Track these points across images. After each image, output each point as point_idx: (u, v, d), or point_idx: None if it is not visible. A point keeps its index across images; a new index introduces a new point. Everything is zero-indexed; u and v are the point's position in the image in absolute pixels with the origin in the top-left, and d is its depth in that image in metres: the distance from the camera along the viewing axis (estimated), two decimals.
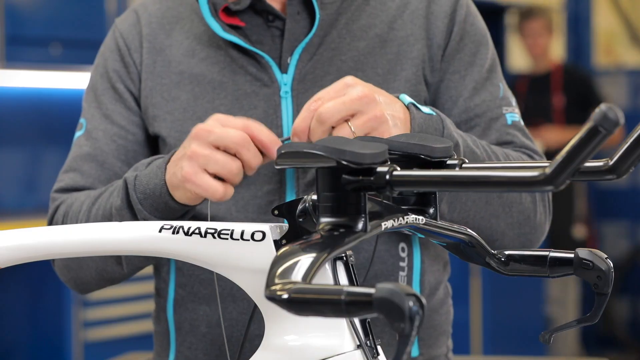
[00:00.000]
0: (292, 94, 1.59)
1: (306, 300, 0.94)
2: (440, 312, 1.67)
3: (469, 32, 1.66)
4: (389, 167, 1.07)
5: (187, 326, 1.63)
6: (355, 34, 1.62)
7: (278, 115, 1.59)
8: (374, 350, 1.19)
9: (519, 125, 1.66)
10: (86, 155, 1.66)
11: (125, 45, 1.68)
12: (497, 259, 1.26)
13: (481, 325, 4.71)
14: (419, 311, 0.89)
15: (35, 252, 1.34)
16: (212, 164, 1.37)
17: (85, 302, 3.84)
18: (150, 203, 1.47)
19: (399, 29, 1.63)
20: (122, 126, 1.66)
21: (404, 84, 1.61)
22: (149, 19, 1.69)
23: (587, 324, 1.26)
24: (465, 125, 1.63)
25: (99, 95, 1.69)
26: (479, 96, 1.64)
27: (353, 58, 1.61)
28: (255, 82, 1.60)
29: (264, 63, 1.60)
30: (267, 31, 1.62)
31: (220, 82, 1.61)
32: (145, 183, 1.47)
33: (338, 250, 1.05)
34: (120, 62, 1.68)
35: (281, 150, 1.10)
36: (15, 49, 3.86)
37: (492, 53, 1.69)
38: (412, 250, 1.61)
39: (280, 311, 0.96)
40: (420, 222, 1.17)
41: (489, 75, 1.66)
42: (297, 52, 1.59)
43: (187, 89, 1.63)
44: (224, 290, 1.59)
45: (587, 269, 1.23)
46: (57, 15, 4.03)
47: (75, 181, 1.66)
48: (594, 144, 0.92)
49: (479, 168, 1.21)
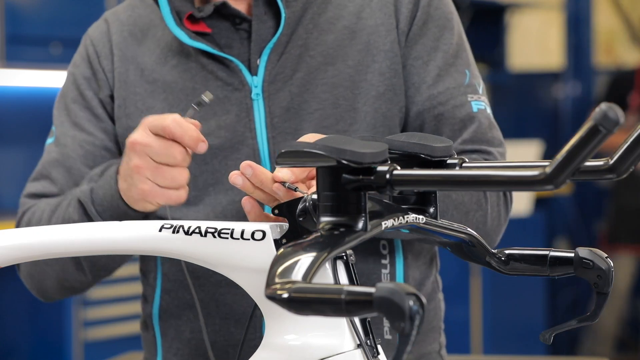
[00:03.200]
0: (263, 96, 1.58)
1: (306, 300, 0.94)
2: (427, 307, 1.65)
3: (433, 16, 1.62)
4: (390, 166, 1.07)
5: (172, 332, 1.63)
6: (323, 28, 1.60)
7: (250, 118, 1.58)
8: (374, 350, 1.19)
9: (484, 113, 1.61)
10: (54, 162, 1.67)
11: (95, 52, 1.68)
12: (497, 259, 1.26)
13: (481, 325, 4.71)
14: (419, 310, 0.89)
15: (35, 251, 1.34)
16: (159, 178, 1.39)
17: (85, 302, 3.84)
18: (110, 214, 1.51)
19: (367, 17, 1.60)
20: (90, 132, 1.66)
21: (377, 77, 1.59)
22: (120, 27, 1.68)
23: (587, 324, 1.26)
24: (429, 114, 1.59)
25: (68, 103, 1.69)
26: (443, 83, 1.60)
27: (322, 53, 1.59)
28: (226, 86, 1.59)
29: (233, 67, 1.59)
30: (235, 34, 1.61)
31: (193, 89, 1.60)
32: (102, 196, 1.52)
33: (338, 250, 1.05)
34: (89, 70, 1.68)
35: (282, 150, 1.10)
36: (15, 48, 3.86)
37: (457, 37, 1.64)
38: (393, 247, 1.59)
39: (280, 310, 0.95)
40: (421, 222, 1.17)
41: (455, 61, 1.62)
42: (265, 54, 1.58)
43: (160, 98, 1.62)
44: (207, 295, 1.59)
45: (588, 269, 1.23)
46: (57, 15, 4.03)
47: (44, 187, 1.68)
48: (594, 143, 0.92)
49: (479, 167, 1.21)
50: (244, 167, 1.26)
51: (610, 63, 6.78)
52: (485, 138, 1.60)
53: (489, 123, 1.61)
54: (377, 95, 1.59)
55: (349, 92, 1.58)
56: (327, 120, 1.57)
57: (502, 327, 4.80)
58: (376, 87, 1.59)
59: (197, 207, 1.59)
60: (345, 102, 1.58)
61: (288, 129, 1.57)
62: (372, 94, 1.59)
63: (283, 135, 1.57)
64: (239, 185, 1.27)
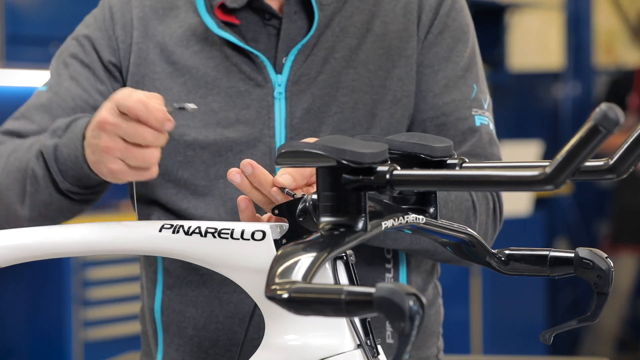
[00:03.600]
0: (285, 95, 1.57)
1: (306, 300, 0.94)
2: (428, 312, 1.66)
3: (449, 26, 1.62)
4: (390, 166, 1.07)
5: (174, 328, 1.62)
6: (348, 31, 1.59)
7: (271, 116, 1.57)
8: (374, 350, 1.19)
9: (486, 129, 1.61)
10: (40, 106, 1.64)
11: (111, 18, 1.65)
12: (497, 259, 1.26)
13: (481, 325, 4.70)
14: (419, 310, 0.89)
15: (35, 251, 1.34)
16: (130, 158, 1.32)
17: (85, 302, 3.84)
18: (72, 175, 1.49)
19: (390, 22, 1.60)
20: (86, 89, 1.63)
21: (396, 82, 1.59)
22: (141, 1, 1.65)
23: (587, 324, 1.26)
24: (431, 122, 1.59)
25: (69, 58, 1.66)
26: (449, 94, 1.60)
27: (344, 56, 1.58)
28: (249, 81, 1.58)
29: (258, 62, 1.58)
30: (263, 29, 1.60)
31: (214, 78, 1.59)
32: (65, 155, 1.48)
33: (338, 250, 1.05)
34: (100, 32, 1.65)
35: (281, 150, 1.10)
36: (15, 48, 3.86)
37: (471, 51, 1.64)
38: (397, 252, 1.59)
39: (280, 310, 0.95)
40: (421, 222, 1.16)
41: (464, 74, 1.62)
42: (292, 53, 1.58)
43: (179, 81, 1.60)
44: (211, 292, 1.58)
45: (587, 269, 1.23)
46: (57, 15, 4.03)
47: (21, 125, 1.64)
48: (594, 143, 0.92)
49: (479, 167, 1.21)
50: (245, 165, 1.25)
51: (610, 63, 6.77)
52: (484, 153, 1.60)
53: (489, 139, 1.61)
54: (394, 101, 1.58)
55: (367, 96, 1.58)
56: (345, 123, 1.57)
57: (502, 327, 4.80)
58: (394, 92, 1.58)
59: (205, 199, 1.58)
60: (364, 106, 1.57)
61: (306, 131, 1.56)
62: (390, 100, 1.58)
63: (301, 137, 1.55)
64: (237, 184, 1.26)
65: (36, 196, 1.55)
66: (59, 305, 3.82)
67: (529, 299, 5.00)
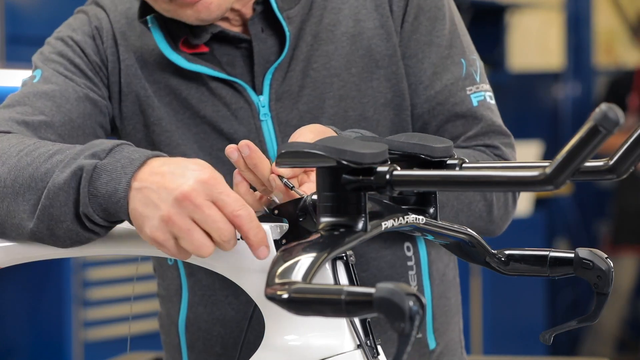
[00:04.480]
0: (271, 115, 1.54)
1: (306, 300, 0.94)
2: (448, 295, 1.63)
3: (423, 7, 1.57)
4: (389, 166, 1.07)
5: (200, 345, 1.60)
6: (322, 38, 1.55)
7: (261, 139, 1.54)
8: (374, 350, 1.19)
9: (485, 104, 1.58)
10: (43, 94, 1.52)
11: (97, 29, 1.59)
12: (497, 259, 1.26)
13: (481, 325, 4.71)
14: (419, 311, 0.89)
15: (35, 252, 1.34)
16: (186, 241, 1.16)
17: (85, 302, 3.84)
18: (100, 204, 1.23)
19: (364, 19, 1.56)
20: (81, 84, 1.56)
21: (384, 83, 1.56)
22: (118, 17, 1.60)
23: (587, 324, 1.26)
24: (429, 115, 1.56)
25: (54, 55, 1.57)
26: (440, 81, 1.56)
27: (325, 65, 1.54)
28: (231, 105, 1.54)
29: (237, 86, 1.54)
30: (237, 51, 1.56)
31: (199, 101, 1.55)
32: (105, 182, 1.22)
33: (338, 250, 1.05)
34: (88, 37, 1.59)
35: (281, 150, 1.10)
36: (15, 49, 3.86)
37: (450, 24, 1.59)
38: (417, 247, 1.58)
39: (280, 311, 0.96)
40: (421, 222, 1.17)
41: (449, 52, 1.57)
42: (269, 74, 1.53)
43: (164, 101, 1.57)
44: (238, 314, 1.56)
45: (587, 269, 1.23)
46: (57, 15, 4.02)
47: (22, 112, 1.49)
48: (594, 143, 0.92)
49: (479, 168, 1.21)
50: (242, 146, 1.25)
51: (610, 63, 6.77)
52: (491, 129, 1.57)
53: (491, 114, 1.58)
54: (386, 103, 1.56)
55: (356, 102, 1.55)
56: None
57: (502, 327, 4.80)
58: (384, 94, 1.56)
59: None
60: (354, 112, 1.54)
61: None
62: (381, 102, 1.55)
63: None
64: (234, 160, 1.26)
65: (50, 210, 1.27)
66: (59, 305, 3.82)
67: (529, 299, 5.01)
